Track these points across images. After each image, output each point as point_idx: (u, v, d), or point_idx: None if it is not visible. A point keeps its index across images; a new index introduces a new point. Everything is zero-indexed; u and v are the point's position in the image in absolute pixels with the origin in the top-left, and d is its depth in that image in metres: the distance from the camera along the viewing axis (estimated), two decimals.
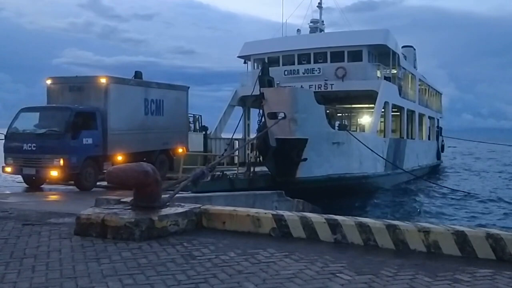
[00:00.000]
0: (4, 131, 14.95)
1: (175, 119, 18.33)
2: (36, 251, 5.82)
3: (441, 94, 47.84)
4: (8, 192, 14.58)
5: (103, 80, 15.34)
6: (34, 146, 13.90)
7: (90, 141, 14.58)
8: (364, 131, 28.70)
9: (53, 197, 13.44)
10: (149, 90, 17.18)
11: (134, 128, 16.05)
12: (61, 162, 13.64)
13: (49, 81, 16.37)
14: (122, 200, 7.99)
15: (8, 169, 14.78)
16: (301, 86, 25.51)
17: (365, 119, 31.85)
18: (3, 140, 15.08)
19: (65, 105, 14.88)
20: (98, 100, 15.15)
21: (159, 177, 7.49)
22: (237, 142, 26.96)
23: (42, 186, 15.67)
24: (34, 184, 15.13)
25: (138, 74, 19.98)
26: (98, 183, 15.78)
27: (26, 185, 15.80)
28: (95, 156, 14.70)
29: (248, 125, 30.29)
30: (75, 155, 13.98)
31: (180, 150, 18.08)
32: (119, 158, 15.24)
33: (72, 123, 14.12)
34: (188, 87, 20.36)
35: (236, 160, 23.19)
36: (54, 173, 13.77)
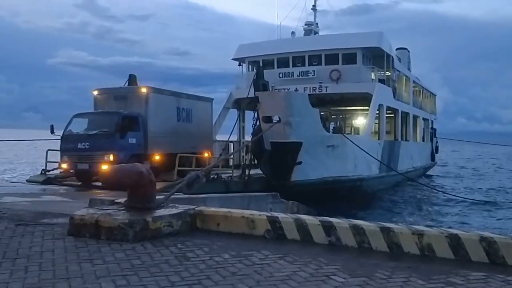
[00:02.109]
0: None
1: (202, 127, 20.09)
2: (29, 252, 5.79)
3: (435, 95, 48.03)
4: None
5: (144, 90, 17.47)
6: (87, 145, 15.74)
7: (134, 141, 16.47)
8: (358, 133, 28.76)
9: (47, 197, 13.39)
10: (180, 100, 19.17)
11: (169, 132, 17.92)
12: (111, 157, 15.31)
13: (95, 92, 18.35)
14: (116, 200, 7.97)
15: (64, 165, 16.59)
16: (296, 89, 25.57)
17: (360, 121, 31.92)
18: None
19: (114, 110, 16.85)
20: (140, 107, 17.13)
21: (153, 178, 7.47)
22: (232, 144, 26.93)
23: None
24: (86, 180, 16.31)
25: (132, 78, 20.53)
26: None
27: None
28: (138, 154, 16.28)
29: (243, 127, 30.27)
30: (123, 152, 15.70)
31: (206, 154, 19.49)
32: (157, 157, 16.99)
33: (120, 125, 16.01)
34: (212, 99, 22.41)
35: (231, 162, 23.18)
36: (105, 167, 14.84)
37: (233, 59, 30.55)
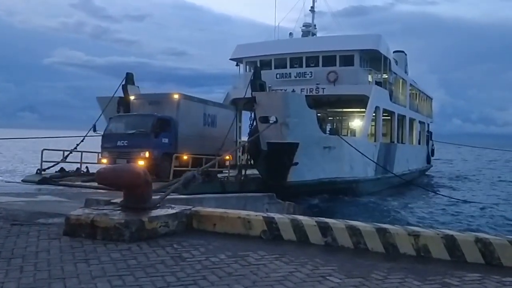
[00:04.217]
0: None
1: (224, 131, 21.15)
2: (24, 252, 5.76)
3: (431, 99, 48.23)
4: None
5: (176, 96, 19.30)
6: (126, 143, 17.54)
7: (166, 140, 18.11)
8: (355, 135, 28.85)
9: (42, 197, 13.33)
10: (206, 106, 20.87)
11: (196, 135, 19.47)
12: (147, 154, 17.07)
13: (132, 97, 20.58)
14: (112, 201, 7.94)
15: (104, 161, 17.86)
16: (293, 90, 25.60)
17: (356, 123, 32.02)
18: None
19: (150, 112, 18.80)
20: (171, 111, 18.87)
21: (149, 178, 7.46)
22: None
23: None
24: None
25: (129, 76, 20.88)
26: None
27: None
28: (169, 153, 17.83)
29: (240, 127, 30.31)
30: (157, 150, 17.39)
31: (227, 157, 20.29)
32: (185, 157, 18.27)
33: (155, 126, 17.76)
34: (235, 107, 24.35)
35: (227, 162, 23.19)
36: (141, 163, 16.40)
37: (230, 59, 30.62)
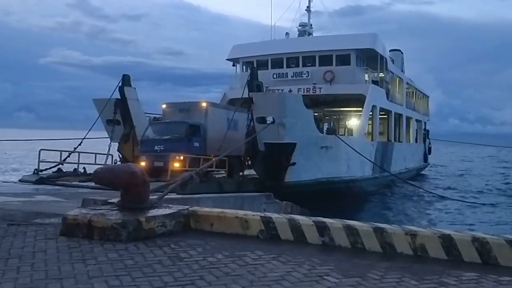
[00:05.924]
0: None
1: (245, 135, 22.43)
2: (21, 252, 5.76)
3: (428, 97, 48.33)
4: None
5: (204, 104, 20.87)
6: (162, 147, 19.03)
7: (197, 144, 19.55)
8: (352, 134, 28.87)
9: (40, 197, 13.31)
10: (229, 112, 22.13)
11: (221, 138, 20.41)
12: (182, 157, 18.08)
13: (164, 106, 22.14)
14: (109, 201, 7.93)
15: (143, 163, 18.87)
16: (290, 90, 25.62)
17: (353, 122, 32.05)
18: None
19: (182, 119, 20.30)
20: (200, 118, 20.40)
21: (147, 178, 7.44)
22: None
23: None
24: (160, 175, 18.26)
25: (126, 77, 21.05)
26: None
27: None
28: (199, 156, 18.95)
29: None
30: (189, 153, 18.47)
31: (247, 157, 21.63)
32: (212, 159, 19.32)
33: (188, 132, 19.31)
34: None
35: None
36: (176, 165, 17.84)
37: (227, 59, 30.59)
